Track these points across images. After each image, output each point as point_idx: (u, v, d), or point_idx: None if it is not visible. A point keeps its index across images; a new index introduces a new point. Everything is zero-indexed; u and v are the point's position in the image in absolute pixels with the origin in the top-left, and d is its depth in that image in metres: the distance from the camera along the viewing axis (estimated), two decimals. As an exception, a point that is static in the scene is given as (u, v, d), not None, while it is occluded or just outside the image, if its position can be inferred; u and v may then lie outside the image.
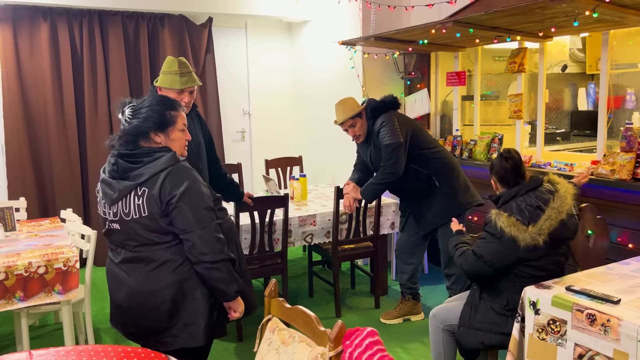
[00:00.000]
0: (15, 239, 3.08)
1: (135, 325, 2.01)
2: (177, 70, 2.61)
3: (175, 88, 2.60)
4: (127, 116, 1.95)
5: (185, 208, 1.85)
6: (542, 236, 2.23)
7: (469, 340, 2.38)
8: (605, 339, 1.86)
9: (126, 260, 1.97)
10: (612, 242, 3.16)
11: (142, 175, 1.87)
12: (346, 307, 3.92)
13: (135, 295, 1.95)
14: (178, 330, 1.96)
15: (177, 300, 1.94)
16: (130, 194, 1.89)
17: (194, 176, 1.93)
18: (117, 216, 1.92)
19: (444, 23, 3.35)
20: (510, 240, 2.24)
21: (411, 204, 3.53)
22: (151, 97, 2.01)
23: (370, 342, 1.46)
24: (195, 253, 1.88)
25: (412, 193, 3.44)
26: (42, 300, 2.68)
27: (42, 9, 4.64)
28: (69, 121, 4.82)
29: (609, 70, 3.45)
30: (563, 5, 2.63)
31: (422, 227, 3.49)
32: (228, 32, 5.71)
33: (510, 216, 2.26)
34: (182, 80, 2.61)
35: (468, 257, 2.40)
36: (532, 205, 2.28)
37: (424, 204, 3.41)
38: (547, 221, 2.24)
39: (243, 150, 5.89)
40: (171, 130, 1.98)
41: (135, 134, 1.92)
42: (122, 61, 4.95)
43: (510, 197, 2.37)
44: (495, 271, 2.32)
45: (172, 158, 1.90)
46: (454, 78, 4.42)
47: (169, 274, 1.92)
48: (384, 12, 4.54)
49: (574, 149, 4.61)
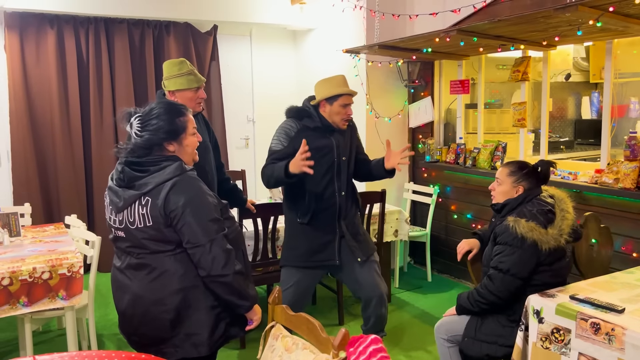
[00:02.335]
0: (20, 244, 3.09)
1: (137, 334, 1.99)
2: (190, 70, 2.72)
3: (192, 87, 2.71)
4: (136, 129, 1.91)
5: (190, 220, 1.83)
6: (563, 236, 2.25)
7: (473, 352, 2.35)
8: (610, 348, 1.85)
9: (130, 266, 1.96)
10: (616, 251, 3.15)
11: (147, 184, 1.86)
12: (349, 314, 3.91)
13: (138, 302, 1.93)
14: (180, 341, 1.94)
15: (181, 310, 1.92)
16: (135, 203, 1.87)
17: (200, 187, 1.90)
18: (122, 224, 1.92)
19: (447, 32, 3.36)
20: (531, 245, 2.23)
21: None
22: (157, 107, 1.96)
23: (374, 349, 1.45)
24: (204, 267, 1.86)
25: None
26: (46, 306, 2.69)
27: (49, 17, 4.68)
28: (74, 128, 4.84)
29: (612, 79, 3.45)
30: (567, 15, 2.64)
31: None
32: (233, 40, 5.75)
33: (528, 221, 2.25)
34: (197, 78, 2.73)
35: (494, 279, 2.29)
36: (543, 209, 2.30)
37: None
38: (563, 221, 2.27)
39: (247, 157, 5.91)
40: (183, 137, 1.96)
41: (149, 147, 1.90)
42: (128, 68, 4.98)
43: (517, 204, 2.38)
44: (523, 282, 2.28)
45: (178, 168, 1.88)
46: (458, 86, 4.43)
47: (173, 282, 1.90)
48: (388, 20, 4.57)
49: (577, 157, 4.61)
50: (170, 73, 2.71)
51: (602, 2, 2.56)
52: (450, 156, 4.50)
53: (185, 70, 2.69)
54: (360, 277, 2.85)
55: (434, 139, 4.76)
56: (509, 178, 2.45)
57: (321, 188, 2.81)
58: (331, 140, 2.85)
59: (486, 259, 2.43)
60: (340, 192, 2.86)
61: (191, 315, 1.93)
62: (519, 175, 2.43)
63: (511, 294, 2.29)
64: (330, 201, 2.83)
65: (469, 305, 2.40)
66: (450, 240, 4.61)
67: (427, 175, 4.82)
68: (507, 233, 2.27)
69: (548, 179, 2.47)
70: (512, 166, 2.48)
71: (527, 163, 2.50)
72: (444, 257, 4.70)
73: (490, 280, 2.31)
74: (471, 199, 4.38)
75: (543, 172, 2.45)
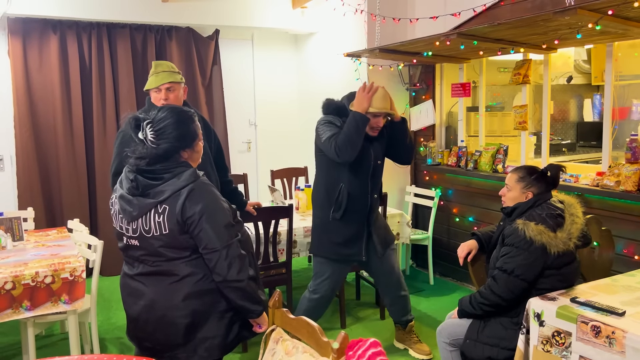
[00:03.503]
0: (23, 248, 3.10)
1: (150, 340, 1.97)
2: (159, 70, 2.81)
3: (151, 87, 2.81)
4: (150, 138, 1.87)
5: (206, 226, 1.84)
6: (572, 240, 2.25)
7: (475, 354, 2.35)
8: (610, 351, 1.85)
9: (144, 273, 1.94)
10: (617, 253, 3.15)
11: (163, 192, 1.84)
12: (351, 318, 3.91)
13: (154, 307, 1.92)
14: (194, 346, 1.94)
15: (196, 315, 1.92)
16: (151, 212, 1.86)
17: (214, 192, 1.91)
18: (136, 232, 1.90)
19: (448, 35, 3.37)
20: (539, 249, 2.23)
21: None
22: (169, 114, 1.91)
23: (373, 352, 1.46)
24: (219, 273, 1.87)
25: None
26: (48, 310, 2.70)
27: (52, 22, 4.71)
28: (77, 132, 4.87)
29: (613, 81, 3.45)
30: (566, 18, 2.65)
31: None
32: (234, 44, 5.77)
33: (537, 224, 2.25)
34: (157, 78, 2.80)
35: (498, 279, 2.29)
36: (553, 213, 2.30)
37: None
38: (573, 225, 2.27)
39: (249, 161, 5.92)
40: (196, 143, 1.97)
41: (166, 157, 1.88)
42: (130, 73, 5.01)
43: (527, 207, 2.37)
44: (528, 285, 2.27)
45: (192, 174, 1.88)
46: (459, 89, 4.44)
47: (188, 287, 1.90)
48: (388, 24, 4.58)
49: (579, 160, 4.60)
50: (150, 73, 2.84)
51: (601, 6, 2.56)
52: (451, 159, 4.50)
53: (158, 70, 2.80)
54: (381, 270, 3.16)
55: (436, 142, 4.76)
56: (518, 184, 2.44)
57: (356, 188, 2.97)
58: (368, 143, 2.94)
59: (493, 262, 2.43)
60: (372, 194, 3.02)
61: (206, 320, 1.94)
62: (528, 181, 2.42)
63: (515, 295, 2.28)
64: (362, 201, 2.99)
65: (470, 309, 2.39)
66: (452, 243, 4.61)
67: (428, 178, 4.83)
68: (515, 235, 2.27)
69: (557, 183, 2.45)
70: (520, 172, 2.47)
71: (536, 168, 2.48)
72: (446, 260, 4.70)
73: (495, 281, 2.31)
74: (473, 202, 4.38)
75: (552, 176, 2.43)
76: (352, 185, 2.95)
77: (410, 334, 3.33)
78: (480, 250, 2.66)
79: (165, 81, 2.78)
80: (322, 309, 3.16)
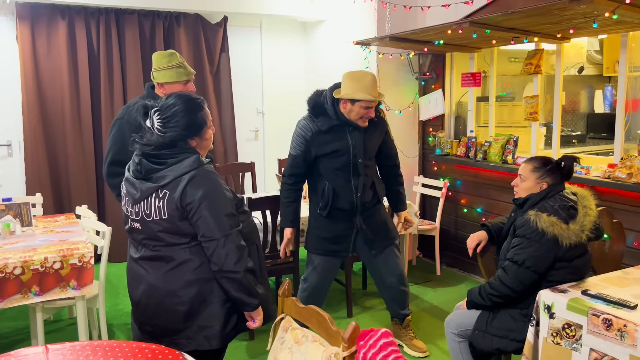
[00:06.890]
0: (32, 234, 3.12)
1: (150, 324, 2.00)
2: (179, 62, 2.72)
3: (182, 80, 2.71)
4: (157, 126, 1.87)
5: (205, 214, 1.83)
6: (585, 232, 2.23)
7: (483, 345, 2.33)
8: (622, 344, 1.84)
9: (146, 257, 1.96)
10: (628, 246, 3.12)
11: (164, 177, 1.85)
12: (358, 307, 3.92)
13: (152, 293, 1.94)
14: (193, 333, 1.95)
15: (195, 303, 1.93)
16: (152, 196, 1.87)
17: (217, 180, 1.90)
18: (138, 216, 1.92)
19: (460, 24, 3.32)
20: (550, 240, 2.20)
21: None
22: (177, 102, 1.90)
23: (384, 342, 1.45)
24: (216, 262, 1.87)
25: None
26: (57, 295, 2.71)
27: (60, 7, 4.69)
28: (84, 119, 4.86)
29: (627, 72, 3.40)
30: (582, 7, 2.60)
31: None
32: (243, 31, 5.73)
33: (549, 216, 2.23)
34: (187, 71, 2.74)
35: (508, 270, 2.27)
36: (565, 205, 2.27)
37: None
38: (585, 217, 2.24)
39: (256, 149, 5.91)
40: (205, 131, 1.96)
41: (173, 145, 1.87)
42: (138, 59, 4.99)
43: (539, 198, 2.35)
44: (539, 277, 2.25)
45: (195, 161, 1.87)
46: (469, 79, 4.40)
47: (188, 274, 1.91)
48: (399, 12, 4.53)
49: (590, 151, 4.56)
50: (159, 65, 2.70)
51: (618, -6, 2.51)
52: (460, 149, 4.47)
53: (175, 63, 2.69)
54: (376, 266, 3.09)
55: (445, 132, 4.73)
56: (532, 174, 2.41)
57: (338, 187, 2.91)
58: (347, 141, 2.87)
59: (503, 253, 2.41)
60: (357, 192, 2.92)
61: (205, 308, 1.94)
62: (543, 171, 2.39)
63: (525, 287, 2.26)
64: (347, 199, 2.92)
65: (480, 300, 2.37)
66: (459, 234, 4.59)
67: (437, 168, 4.80)
68: (527, 226, 2.25)
69: (572, 174, 2.42)
70: (535, 162, 2.44)
71: (551, 158, 2.45)
72: (453, 251, 4.69)
73: (505, 272, 2.29)
74: (481, 193, 4.36)
75: (567, 167, 2.40)
76: (335, 183, 2.91)
77: (406, 330, 3.26)
78: (490, 241, 2.64)
79: (192, 74, 2.77)
80: (314, 300, 2.99)
